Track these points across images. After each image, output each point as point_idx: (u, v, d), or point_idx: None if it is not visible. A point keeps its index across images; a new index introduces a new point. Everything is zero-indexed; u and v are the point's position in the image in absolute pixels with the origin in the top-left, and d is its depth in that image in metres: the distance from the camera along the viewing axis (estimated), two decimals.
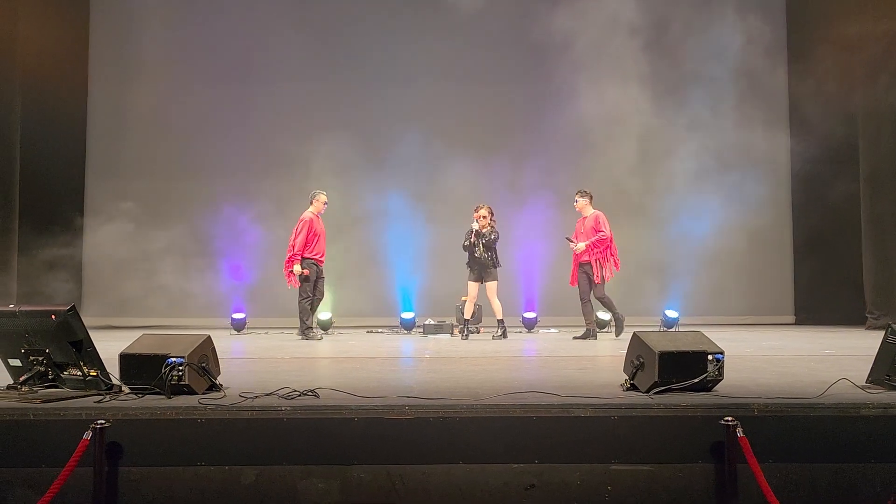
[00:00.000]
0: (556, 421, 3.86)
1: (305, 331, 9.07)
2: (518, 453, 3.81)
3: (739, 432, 3.67)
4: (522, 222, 11.55)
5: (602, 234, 8.81)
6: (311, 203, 9.36)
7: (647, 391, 4.27)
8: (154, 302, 11.64)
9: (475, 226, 9.12)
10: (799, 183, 12.28)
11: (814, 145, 11.65)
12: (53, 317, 4.20)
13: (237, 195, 11.48)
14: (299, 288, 9.16)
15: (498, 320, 9.21)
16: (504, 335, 9.03)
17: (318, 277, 9.31)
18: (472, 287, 9.16)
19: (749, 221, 11.85)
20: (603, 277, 8.86)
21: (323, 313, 10.74)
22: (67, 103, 12.17)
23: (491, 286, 9.16)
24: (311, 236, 9.19)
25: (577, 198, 9.28)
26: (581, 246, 8.85)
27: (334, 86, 12.27)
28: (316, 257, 9.25)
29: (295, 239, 9.15)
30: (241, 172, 11.88)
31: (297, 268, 9.06)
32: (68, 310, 4.19)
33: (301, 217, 9.28)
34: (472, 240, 9.13)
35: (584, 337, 8.87)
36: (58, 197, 11.97)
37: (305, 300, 9.11)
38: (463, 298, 9.73)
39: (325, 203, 9.43)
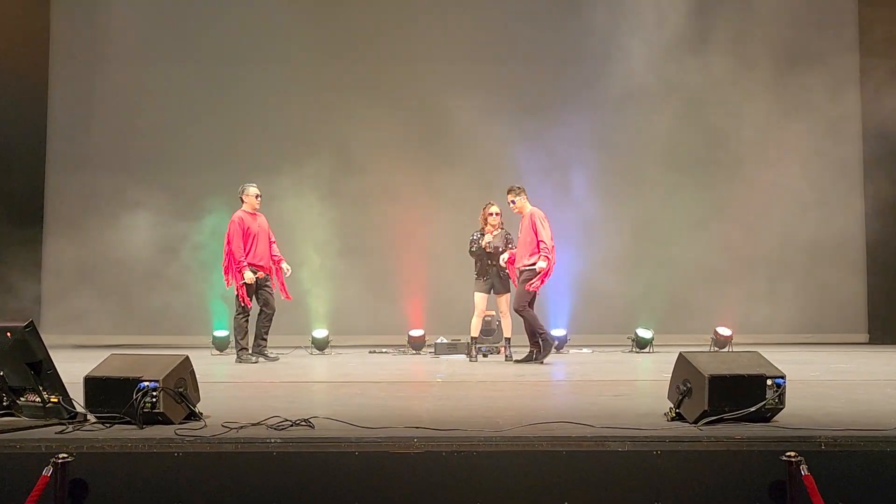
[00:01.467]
0: (589, 456, 3.84)
1: (240, 352, 8.89)
2: (544, 494, 3.79)
3: (804, 470, 3.64)
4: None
5: (543, 244, 8.42)
6: (242, 200, 9.15)
7: (696, 421, 4.24)
8: (125, 317, 11.70)
9: (491, 226, 9.07)
10: (872, 185, 12.21)
11: (889, 143, 11.60)
12: (9, 334, 4.22)
13: (222, 194, 11.53)
14: (236, 302, 8.98)
15: (506, 339, 9.18)
16: (511, 357, 8.98)
17: (260, 290, 9.05)
18: (481, 299, 9.09)
19: (815, 225, 11.79)
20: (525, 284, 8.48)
21: (318, 331, 10.75)
22: (25, 91, 12.24)
23: (507, 299, 9.10)
24: (245, 238, 8.95)
25: (511, 198, 8.78)
26: (542, 265, 8.40)
27: (333, 69, 12.29)
28: (254, 263, 8.98)
29: (228, 245, 8.96)
30: (226, 169, 11.92)
31: (247, 274, 8.83)
32: (25, 326, 4.22)
33: (231, 218, 9.07)
34: (483, 244, 9.10)
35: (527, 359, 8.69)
36: (14, 197, 12.07)
37: (241, 316, 8.91)
38: (489, 314, 9.74)
39: (258, 196, 9.14)
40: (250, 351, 8.94)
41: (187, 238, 11.58)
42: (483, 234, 9.11)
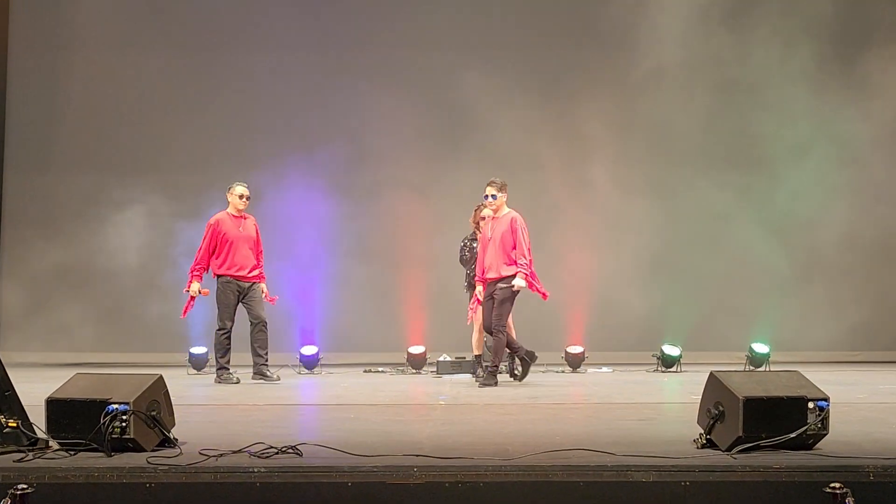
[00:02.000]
0: (609, 487, 3.83)
1: (219, 371, 8.81)
2: None
3: (850, 503, 3.62)
4: (558, 228, 11.55)
5: (523, 260, 8.24)
6: (228, 199, 9.04)
7: (729, 449, 4.23)
8: (91, 332, 11.68)
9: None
10: None
11: None
12: None
13: (199, 196, 11.53)
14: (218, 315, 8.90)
15: (506, 354, 9.06)
16: (517, 371, 8.89)
17: (245, 300, 8.86)
18: (479, 312, 9.01)
19: (871, 227, 11.76)
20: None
21: (307, 347, 10.75)
22: None
23: None
24: (217, 242, 8.79)
25: (493, 192, 8.42)
26: (520, 284, 8.21)
27: (321, 62, 12.29)
28: (232, 272, 8.80)
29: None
30: (204, 167, 11.93)
31: (193, 287, 8.76)
32: None
33: (209, 219, 9.00)
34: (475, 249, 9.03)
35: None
36: None
37: (221, 332, 8.82)
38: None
39: (243, 197, 8.94)
40: (230, 370, 8.87)
41: (163, 244, 11.58)
42: (475, 240, 9.08)
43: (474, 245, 9.30)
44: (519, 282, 8.24)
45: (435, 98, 11.92)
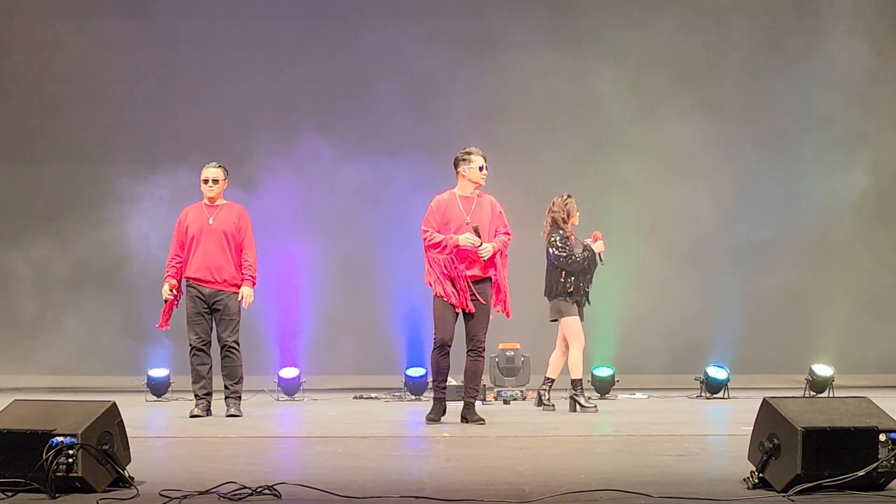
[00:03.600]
0: None
1: (196, 399, 8.56)
2: None
3: None
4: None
5: (508, 235, 7.77)
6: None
7: (785, 490, 4.22)
8: (32, 354, 11.69)
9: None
10: None
11: None
12: None
13: (162, 189, 11.54)
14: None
15: (574, 380, 8.78)
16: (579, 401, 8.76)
17: (204, 311, 8.47)
18: (578, 321, 8.75)
19: None
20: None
21: (287, 370, 10.73)
22: None
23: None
24: (182, 237, 8.50)
25: (479, 160, 7.68)
26: (488, 248, 7.52)
27: (316, 34, 12.34)
28: (195, 276, 8.47)
29: None
30: (171, 155, 11.91)
31: (164, 289, 8.47)
32: None
33: None
34: (583, 251, 8.68)
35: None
36: None
37: (191, 352, 8.54)
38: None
39: (208, 181, 8.54)
40: (202, 398, 8.66)
41: (117, 248, 11.58)
42: (569, 237, 8.74)
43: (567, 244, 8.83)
44: (484, 247, 7.48)
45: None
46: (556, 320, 8.84)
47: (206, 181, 8.54)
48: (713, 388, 10.45)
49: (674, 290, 11.53)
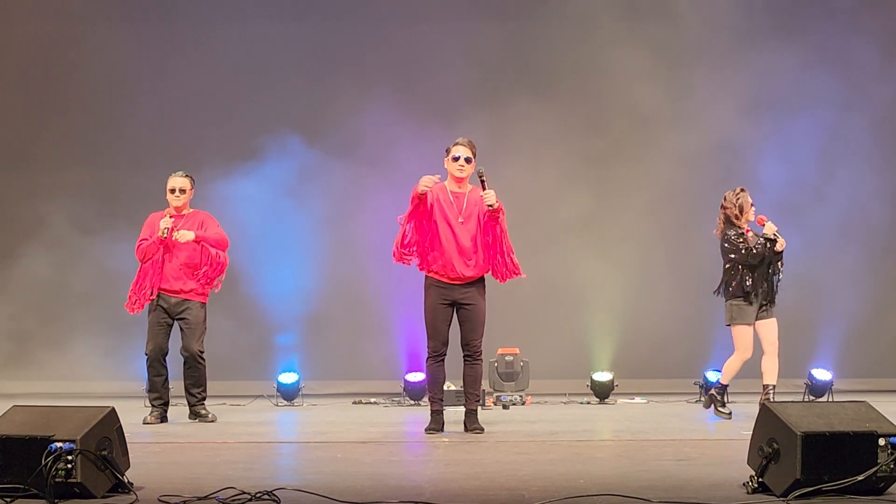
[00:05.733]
0: None
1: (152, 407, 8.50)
2: None
3: None
4: (580, 238, 11.57)
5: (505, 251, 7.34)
6: None
7: (785, 494, 4.22)
8: (30, 359, 11.68)
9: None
10: None
11: None
12: None
13: (157, 191, 11.53)
14: None
15: (770, 385, 8.47)
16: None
17: (166, 322, 8.36)
18: (750, 331, 8.40)
19: None
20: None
21: (286, 374, 10.73)
22: None
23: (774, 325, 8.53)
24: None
25: (471, 153, 7.29)
26: (491, 193, 7.12)
27: (312, 31, 12.34)
28: (160, 287, 8.27)
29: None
30: (168, 156, 11.91)
31: (165, 220, 8.21)
32: None
33: None
34: (760, 245, 8.29)
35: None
36: None
37: (147, 363, 8.44)
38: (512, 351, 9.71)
39: (174, 191, 8.38)
40: (156, 407, 8.47)
41: (113, 253, 11.57)
42: (744, 233, 8.36)
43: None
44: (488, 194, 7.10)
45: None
46: (729, 325, 8.49)
47: (172, 191, 8.42)
48: None
49: (673, 295, 11.53)
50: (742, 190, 8.50)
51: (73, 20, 12.29)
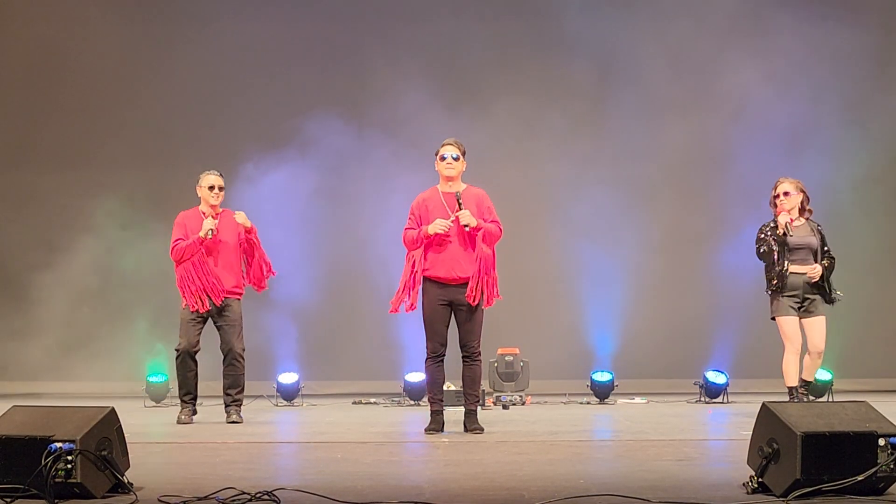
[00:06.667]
0: None
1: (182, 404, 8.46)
2: None
3: None
4: (581, 236, 11.57)
5: (496, 223, 7.27)
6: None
7: (784, 494, 4.22)
8: (29, 358, 11.68)
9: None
10: None
11: None
12: None
13: (155, 191, 11.53)
14: None
15: (805, 382, 8.31)
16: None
17: (201, 318, 8.28)
18: (794, 323, 8.23)
19: None
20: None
21: (285, 375, 10.73)
22: None
23: (822, 324, 8.33)
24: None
25: (460, 151, 7.21)
26: (466, 213, 7.06)
27: (316, 29, 12.35)
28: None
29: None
30: (163, 161, 11.94)
31: (208, 221, 8.19)
32: None
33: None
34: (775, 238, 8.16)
35: None
36: None
37: (178, 359, 8.37)
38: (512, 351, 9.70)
39: (213, 188, 8.32)
40: (189, 405, 8.47)
41: (115, 252, 11.58)
42: (773, 225, 8.25)
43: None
44: (463, 213, 7.03)
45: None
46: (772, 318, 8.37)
47: (211, 188, 8.34)
48: (712, 392, 10.47)
49: (674, 295, 11.54)
50: (784, 179, 8.35)
51: (71, 15, 12.30)
